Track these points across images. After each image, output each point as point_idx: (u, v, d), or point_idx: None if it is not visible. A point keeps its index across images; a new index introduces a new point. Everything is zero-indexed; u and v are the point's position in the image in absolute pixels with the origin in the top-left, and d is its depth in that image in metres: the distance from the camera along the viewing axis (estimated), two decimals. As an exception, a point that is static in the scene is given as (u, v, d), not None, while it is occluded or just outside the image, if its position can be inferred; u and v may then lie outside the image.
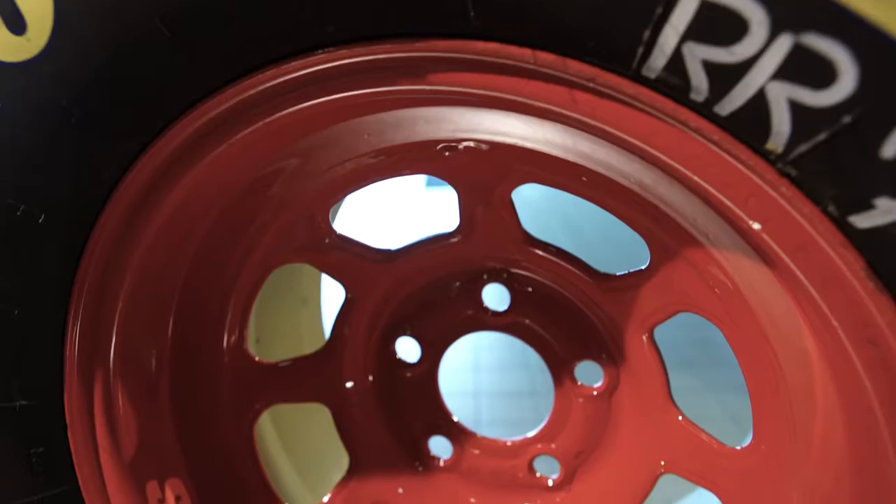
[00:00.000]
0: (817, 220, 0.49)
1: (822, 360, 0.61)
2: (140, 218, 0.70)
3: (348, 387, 0.94)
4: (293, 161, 0.76)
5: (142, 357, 0.83)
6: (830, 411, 0.62)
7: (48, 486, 0.82)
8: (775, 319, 0.66)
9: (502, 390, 2.81)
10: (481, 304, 0.90)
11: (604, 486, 0.90)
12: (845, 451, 0.61)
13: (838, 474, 0.63)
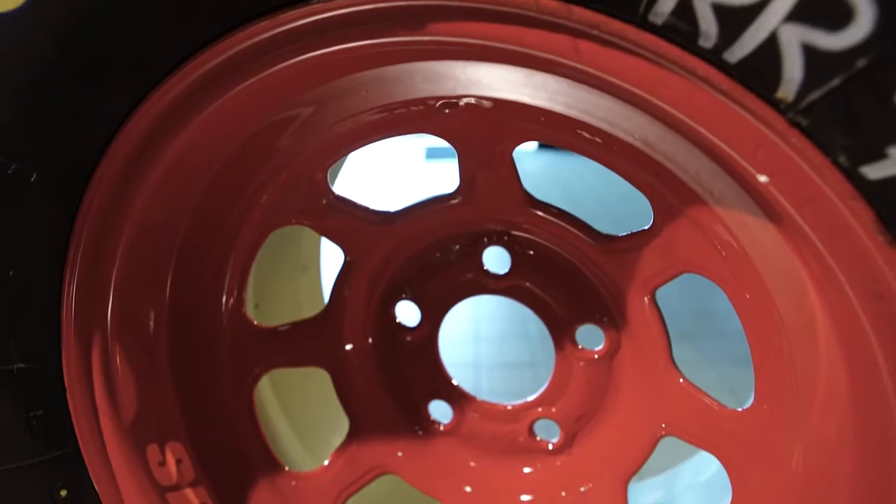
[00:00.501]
0: (827, 171, 0.48)
1: (827, 317, 0.60)
2: (136, 175, 0.68)
3: (348, 350, 0.93)
4: (290, 118, 0.75)
5: (140, 318, 0.83)
6: (834, 369, 0.62)
7: (49, 448, 0.81)
8: (779, 278, 0.65)
9: (502, 361, 2.82)
10: (482, 268, 0.89)
11: (604, 450, 0.90)
12: (849, 407, 0.60)
13: (841, 431, 0.63)
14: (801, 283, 0.61)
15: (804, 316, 0.63)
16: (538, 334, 2.97)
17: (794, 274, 0.61)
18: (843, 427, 0.61)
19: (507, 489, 0.95)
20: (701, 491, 1.07)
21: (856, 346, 0.57)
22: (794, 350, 0.67)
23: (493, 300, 3.39)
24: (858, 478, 0.60)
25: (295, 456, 1.11)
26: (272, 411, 1.11)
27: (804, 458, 0.67)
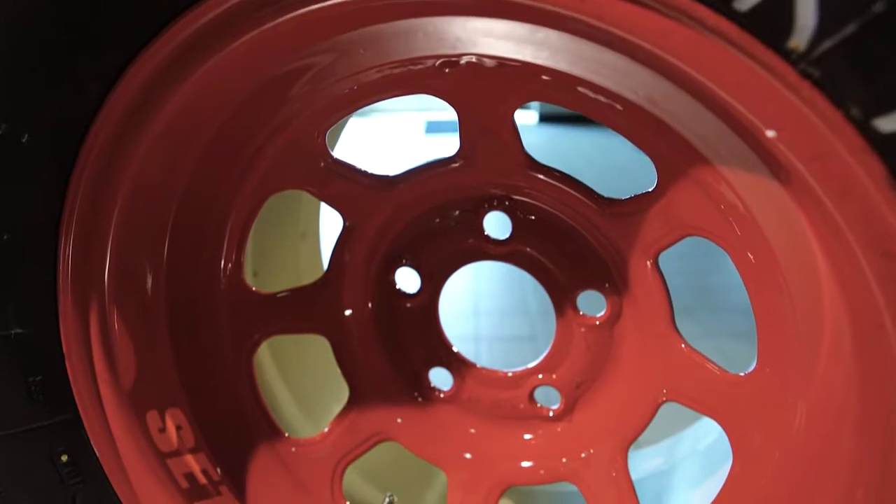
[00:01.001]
0: (838, 124, 0.47)
1: (832, 278, 0.60)
2: (131, 135, 0.67)
3: (347, 315, 0.93)
4: (286, 78, 0.73)
5: (137, 283, 0.82)
6: (838, 331, 0.61)
7: (48, 414, 0.81)
8: (784, 239, 0.64)
9: (502, 335, 2.82)
10: (482, 233, 0.88)
11: (605, 416, 0.89)
12: (853, 369, 0.59)
13: (845, 392, 0.62)
14: (806, 243, 0.60)
15: (809, 277, 0.62)
16: (538, 309, 2.97)
17: (800, 235, 0.60)
18: (847, 388, 0.61)
19: (508, 456, 0.95)
20: (701, 458, 1.07)
21: (863, 308, 0.57)
22: (798, 313, 0.66)
23: (493, 274, 3.40)
24: (861, 433, 0.59)
25: (295, 423, 1.11)
26: (272, 379, 1.11)
27: (807, 418, 0.67)
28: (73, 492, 0.83)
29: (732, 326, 2.75)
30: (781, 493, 0.72)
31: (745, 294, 0.71)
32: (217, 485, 0.90)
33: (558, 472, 0.92)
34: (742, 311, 2.90)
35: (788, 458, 0.69)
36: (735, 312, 2.96)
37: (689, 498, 0.99)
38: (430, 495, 1.14)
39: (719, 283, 3.14)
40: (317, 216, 1.22)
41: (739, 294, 0.78)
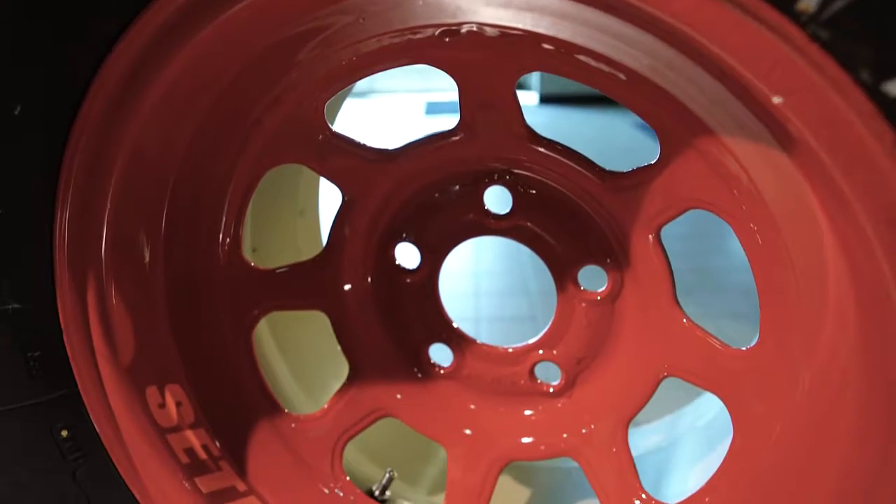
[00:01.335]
0: (848, 89, 0.46)
1: (838, 249, 0.59)
2: (128, 103, 0.66)
3: (346, 290, 0.92)
4: (282, 50, 0.72)
5: (135, 258, 0.81)
6: (843, 302, 0.60)
7: (48, 389, 0.81)
8: (789, 209, 0.63)
9: (502, 315, 2.83)
10: (483, 207, 0.87)
11: (606, 391, 0.89)
12: (856, 340, 0.59)
13: (847, 367, 0.62)
14: (811, 214, 0.59)
15: (813, 248, 0.61)
16: (538, 289, 2.97)
17: (805, 205, 0.59)
18: (851, 358, 0.60)
19: (508, 432, 0.95)
20: (700, 434, 1.07)
21: (867, 278, 0.56)
22: (802, 284, 0.65)
23: (493, 255, 3.40)
24: (864, 403, 0.59)
25: (294, 400, 1.11)
26: (271, 355, 1.11)
27: (810, 390, 0.66)
28: (74, 467, 0.83)
29: (733, 307, 2.75)
30: (782, 465, 0.72)
31: (745, 275, 0.71)
32: (217, 460, 0.90)
33: (559, 447, 0.92)
34: (743, 291, 2.91)
35: (790, 431, 0.69)
36: (735, 293, 2.96)
37: (689, 473, 1.00)
38: (430, 471, 1.14)
39: (720, 265, 3.15)
40: (316, 193, 1.21)
41: (740, 275, 0.78)
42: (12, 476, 0.82)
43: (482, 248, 3.46)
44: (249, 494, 0.91)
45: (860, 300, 0.57)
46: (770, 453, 0.72)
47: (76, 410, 0.82)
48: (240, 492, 0.90)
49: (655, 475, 1.05)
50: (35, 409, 0.81)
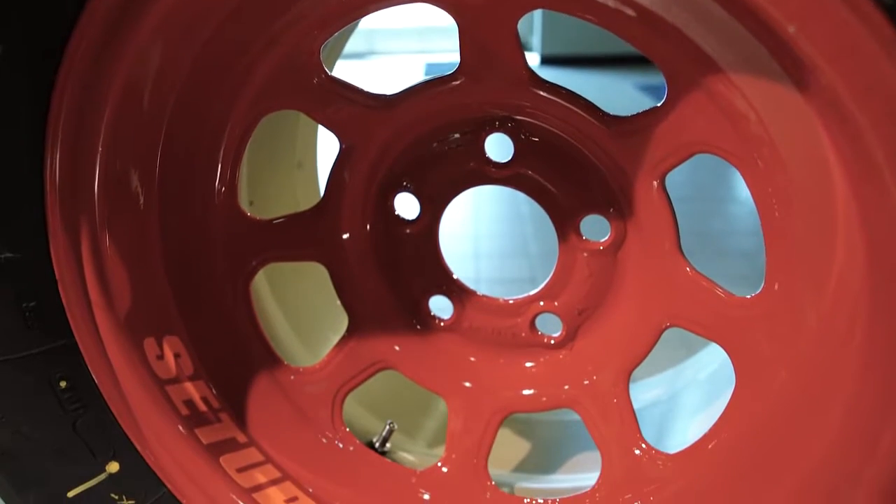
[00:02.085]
0: (867, 12, 0.44)
1: (849, 192, 0.57)
2: (116, 39, 0.63)
3: (345, 239, 0.90)
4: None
5: (129, 204, 0.80)
6: (852, 244, 0.59)
7: (44, 340, 0.80)
8: (798, 150, 0.62)
9: (502, 277, 2.83)
10: (483, 156, 0.86)
11: (607, 342, 0.89)
12: (865, 281, 0.58)
13: (853, 313, 0.61)
14: (821, 153, 0.58)
15: (823, 189, 0.60)
16: (538, 251, 2.97)
17: (815, 144, 0.58)
18: (858, 300, 0.59)
19: (509, 384, 0.94)
20: (702, 387, 1.07)
21: (878, 217, 0.55)
22: (810, 227, 0.64)
23: (493, 216, 3.38)
24: (870, 346, 0.58)
25: (293, 353, 1.11)
26: (270, 309, 1.10)
27: (815, 337, 0.65)
28: (74, 417, 0.83)
29: (734, 270, 2.75)
30: (786, 412, 0.71)
31: (746, 239, 0.69)
32: (217, 412, 0.90)
33: (560, 399, 0.92)
34: (744, 255, 2.91)
35: (795, 377, 0.68)
36: (736, 257, 2.96)
37: (690, 425, 1.00)
38: (430, 424, 1.15)
39: (721, 229, 3.13)
40: (314, 146, 1.19)
41: (741, 239, 0.77)
42: (13, 426, 0.82)
43: (482, 210, 3.45)
44: (250, 446, 0.91)
45: (870, 239, 0.56)
46: (774, 400, 0.72)
47: (74, 361, 0.81)
48: (240, 443, 0.90)
49: (656, 427, 1.05)
50: (32, 359, 0.80)
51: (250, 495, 0.85)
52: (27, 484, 0.83)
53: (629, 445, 0.85)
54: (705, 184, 3.85)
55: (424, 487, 0.92)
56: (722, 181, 3.97)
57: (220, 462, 0.86)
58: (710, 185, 3.85)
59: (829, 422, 0.65)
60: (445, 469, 0.92)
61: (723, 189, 3.84)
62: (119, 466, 0.84)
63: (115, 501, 0.85)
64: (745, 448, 0.76)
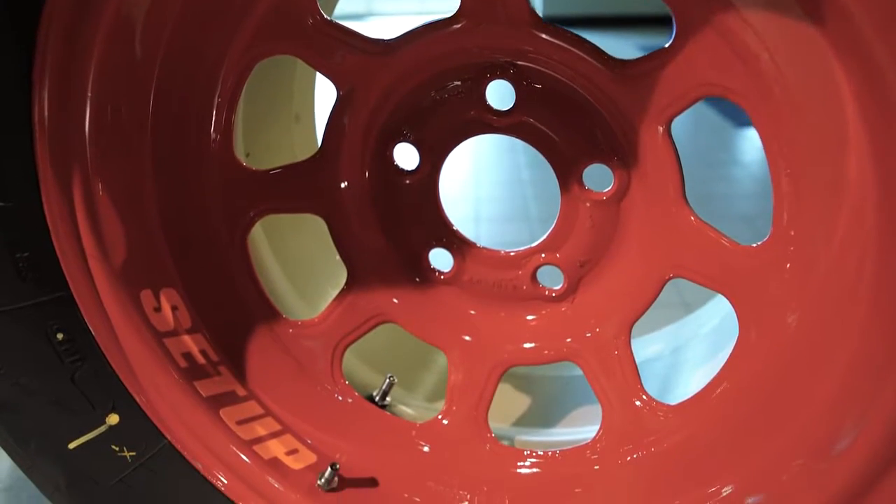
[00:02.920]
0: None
1: (863, 134, 0.56)
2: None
3: (343, 188, 0.89)
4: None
5: (121, 154, 0.78)
6: (863, 188, 0.58)
7: (40, 291, 0.79)
8: (810, 89, 0.60)
9: (503, 241, 2.81)
10: (484, 103, 0.83)
11: (609, 294, 0.88)
12: (874, 225, 0.56)
13: (862, 258, 0.60)
14: (835, 91, 0.56)
15: (835, 130, 0.58)
16: (538, 215, 2.95)
17: (829, 82, 0.56)
18: (867, 244, 0.58)
19: (510, 338, 0.94)
20: (704, 341, 1.07)
21: (890, 159, 0.53)
22: (819, 170, 0.62)
23: (493, 180, 3.36)
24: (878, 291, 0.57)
25: (291, 307, 1.10)
26: (268, 262, 1.09)
27: (822, 284, 0.64)
28: (72, 369, 0.82)
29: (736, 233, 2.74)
30: (789, 363, 0.71)
31: (749, 203, 0.68)
32: (216, 365, 0.90)
33: (561, 352, 0.91)
34: (745, 218, 2.89)
35: (800, 327, 0.68)
36: (738, 221, 2.94)
37: (693, 378, 1.00)
38: (429, 379, 1.15)
39: (723, 192, 3.11)
40: (311, 99, 1.17)
41: (743, 203, 0.76)
42: (11, 378, 0.81)
43: (483, 173, 3.42)
44: (249, 399, 0.91)
45: (883, 178, 0.54)
46: (778, 349, 0.71)
47: (71, 313, 0.81)
48: (240, 396, 0.90)
49: (659, 382, 1.05)
50: (28, 311, 0.80)
51: (251, 447, 0.85)
52: (28, 436, 0.83)
53: (630, 397, 0.85)
54: (707, 147, 3.81)
55: (424, 440, 0.92)
56: (724, 144, 3.93)
57: (219, 415, 0.86)
58: (712, 148, 3.82)
59: (834, 367, 0.65)
60: (446, 422, 0.92)
61: (725, 152, 3.81)
62: (119, 418, 0.84)
63: (116, 453, 0.85)
64: (746, 398, 0.76)
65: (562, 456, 0.88)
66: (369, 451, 0.91)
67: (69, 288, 0.80)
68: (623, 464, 0.83)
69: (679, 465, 0.79)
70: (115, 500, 0.84)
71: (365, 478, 0.87)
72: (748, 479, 0.71)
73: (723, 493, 0.72)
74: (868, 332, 0.61)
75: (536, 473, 0.88)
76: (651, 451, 0.82)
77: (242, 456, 0.83)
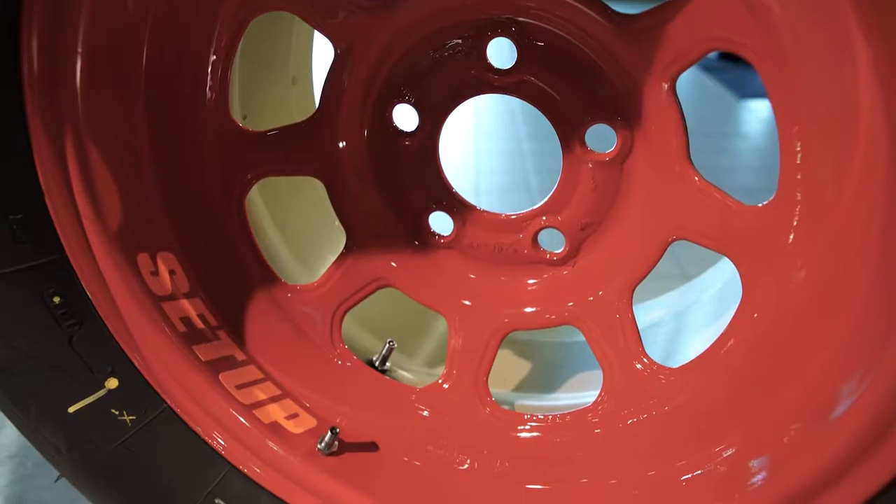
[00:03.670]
0: None
1: (875, 90, 0.54)
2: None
3: (342, 149, 0.87)
4: None
5: (115, 113, 0.76)
6: (875, 145, 0.56)
7: (35, 254, 0.78)
8: (823, 41, 0.58)
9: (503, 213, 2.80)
10: (485, 62, 0.82)
11: (611, 258, 0.87)
12: (885, 183, 0.55)
13: (870, 215, 0.59)
14: (849, 44, 0.54)
15: (847, 84, 0.56)
16: (538, 187, 2.93)
17: (843, 33, 0.54)
18: (876, 204, 0.57)
19: (510, 302, 0.93)
20: (706, 306, 1.06)
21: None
22: (829, 126, 0.61)
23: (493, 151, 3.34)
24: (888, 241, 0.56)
25: (290, 271, 1.09)
26: (266, 227, 1.08)
27: (828, 244, 0.63)
28: (69, 333, 0.81)
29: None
30: (793, 324, 0.70)
31: (750, 176, 0.67)
32: (215, 329, 0.89)
33: (562, 316, 0.90)
34: (747, 191, 2.88)
35: (806, 286, 0.67)
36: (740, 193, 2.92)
37: (695, 342, 0.99)
38: (428, 344, 1.14)
39: (725, 165, 3.09)
40: (309, 61, 1.15)
41: (745, 175, 0.75)
42: (9, 342, 0.81)
43: (483, 145, 3.40)
44: (249, 364, 0.90)
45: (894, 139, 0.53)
46: (781, 311, 0.71)
47: (67, 277, 0.80)
48: (239, 361, 0.89)
49: (661, 348, 1.04)
50: (24, 274, 0.79)
51: (251, 412, 0.85)
52: (28, 400, 0.83)
53: (631, 360, 0.84)
54: (709, 119, 3.78)
55: (424, 404, 0.92)
56: (726, 116, 3.90)
57: (219, 379, 0.85)
58: (714, 121, 3.79)
59: (838, 328, 0.64)
60: (446, 386, 0.91)
61: (727, 124, 3.78)
62: (118, 383, 0.83)
63: (116, 417, 0.85)
64: (749, 359, 0.75)
65: (562, 420, 0.88)
66: (369, 415, 0.90)
67: (64, 251, 0.79)
68: (624, 427, 0.83)
69: (680, 428, 0.79)
70: (116, 463, 0.84)
71: (365, 442, 0.87)
72: (750, 441, 0.71)
73: (725, 454, 0.72)
74: (874, 292, 0.60)
75: (537, 437, 0.88)
76: (652, 414, 0.82)
77: (242, 420, 0.83)
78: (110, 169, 0.77)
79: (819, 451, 0.64)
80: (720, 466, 0.71)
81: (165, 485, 0.83)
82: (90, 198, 0.77)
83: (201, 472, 0.83)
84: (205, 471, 0.83)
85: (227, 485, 0.83)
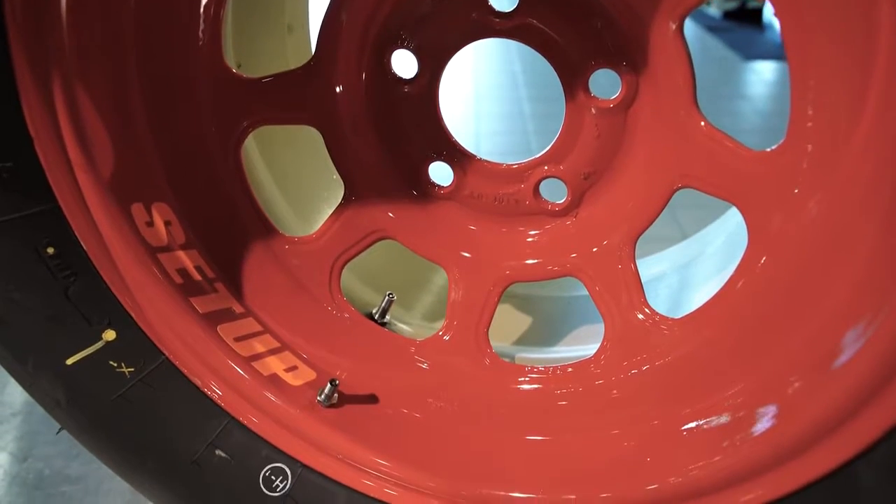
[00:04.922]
0: None
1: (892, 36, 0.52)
2: None
3: (339, 94, 0.85)
4: None
5: (104, 55, 0.74)
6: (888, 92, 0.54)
7: (26, 204, 0.77)
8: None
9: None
10: (486, 5, 0.79)
11: (614, 207, 0.85)
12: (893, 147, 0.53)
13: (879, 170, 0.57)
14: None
15: (861, 37, 0.54)
16: (539, 150, 2.91)
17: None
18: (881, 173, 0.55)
19: (511, 254, 0.92)
20: (710, 259, 1.05)
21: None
22: (844, 72, 0.59)
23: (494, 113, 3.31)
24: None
25: (288, 223, 1.08)
26: (263, 178, 1.06)
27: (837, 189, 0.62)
28: (65, 284, 0.80)
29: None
30: (799, 272, 0.69)
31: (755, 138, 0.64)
32: (212, 282, 0.88)
33: (564, 267, 0.89)
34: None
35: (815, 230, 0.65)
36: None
37: (697, 294, 0.98)
38: (427, 298, 1.14)
39: (728, 127, 3.00)
40: (305, 9, 1.12)
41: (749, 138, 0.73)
42: (4, 293, 0.80)
43: (483, 107, 3.36)
44: (247, 316, 0.89)
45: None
46: (787, 259, 0.69)
47: (60, 227, 0.78)
48: (237, 313, 0.89)
49: (664, 301, 1.04)
50: (15, 224, 0.77)
51: (249, 364, 0.84)
52: (26, 352, 0.82)
53: (633, 311, 0.83)
54: (712, 80, 3.73)
55: (423, 356, 0.91)
56: (730, 77, 3.84)
57: (217, 331, 0.84)
58: (717, 82, 3.73)
59: (845, 276, 0.63)
60: (446, 338, 0.91)
61: (729, 86, 3.72)
62: (115, 334, 0.82)
63: (115, 369, 0.84)
64: (751, 309, 0.74)
65: (563, 371, 0.87)
66: (369, 367, 0.90)
67: (56, 200, 0.77)
68: (626, 378, 0.83)
69: (683, 378, 0.78)
70: (115, 415, 0.84)
71: (365, 394, 0.87)
72: (755, 390, 0.70)
73: (729, 403, 0.72)
74: (882, 239, 0.58)
75: (538, 389, 0.87)
76: (655, 364, 0.81)
77: (241, 372, 0.82)
78: (101, 114, 0.75)
79: (822, 398, 0.64)
80: (724, 415, 0.71)
81: (166, 436, 0.83)
82: (81, 145, 0.75)
83: (201, 423, 0.83)
84: (205, 422, 0.83)
85: (228, 436, 0.82)
